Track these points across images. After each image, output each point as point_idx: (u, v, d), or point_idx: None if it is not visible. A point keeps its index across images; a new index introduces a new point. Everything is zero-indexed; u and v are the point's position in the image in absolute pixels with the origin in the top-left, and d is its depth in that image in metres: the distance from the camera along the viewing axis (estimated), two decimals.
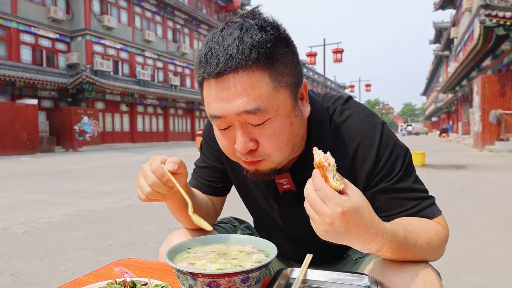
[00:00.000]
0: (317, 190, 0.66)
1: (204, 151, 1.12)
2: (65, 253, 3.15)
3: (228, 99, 0.74)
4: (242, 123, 0.77)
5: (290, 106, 0.79)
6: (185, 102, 33.34)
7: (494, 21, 12.44)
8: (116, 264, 1.00)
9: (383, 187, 0.87)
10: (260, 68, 0.73)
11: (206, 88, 0.78)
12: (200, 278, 0.69)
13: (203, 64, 0.76)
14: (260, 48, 0.73)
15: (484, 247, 3.13)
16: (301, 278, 0.81)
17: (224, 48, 0.73)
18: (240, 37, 0.73)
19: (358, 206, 0.65)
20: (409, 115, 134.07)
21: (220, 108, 0.75)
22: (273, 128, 0.78)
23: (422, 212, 0.86)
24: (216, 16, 39.99)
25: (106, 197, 5.94)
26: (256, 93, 0.73)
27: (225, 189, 1.15)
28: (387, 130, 0.90)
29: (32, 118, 19.60)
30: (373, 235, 0.68)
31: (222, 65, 0.72)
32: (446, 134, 29.72)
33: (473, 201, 5.12)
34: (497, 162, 10.56)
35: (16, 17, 21.29)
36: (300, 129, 0.85)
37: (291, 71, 0.79)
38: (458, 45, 31.86)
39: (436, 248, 0.82)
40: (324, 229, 0.66)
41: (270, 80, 0.74)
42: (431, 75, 65.80)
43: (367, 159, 0.88)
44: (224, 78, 0.73)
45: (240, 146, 0.78)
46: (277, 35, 0.76)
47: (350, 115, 0.92)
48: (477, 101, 16.79)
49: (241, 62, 0.72)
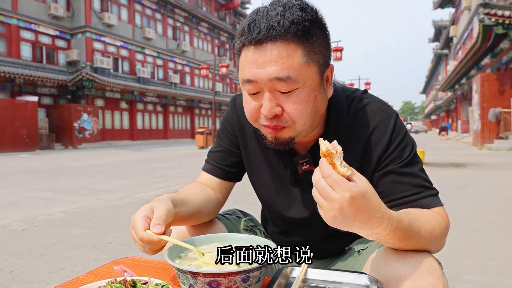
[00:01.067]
0: (325, 177, 0.68)
1: (220, 136, 1.17)
2: (64, 250, 3.15)
3: (263, 64, 0.81)
4: (271, 89, 0.84)
5: (317, 81, 0.86)
6: (184, 100, 33.31)
7: (493, 19, 12.44)
8: (116, 262, 1.00)
9: (390, 169, 0.93)
10: (296, 42, 0.80)
11: (244, 54, 0.85)
12: (201, 277, 0.69)
13: (245, 32, 0.83)
14: (298, 24, 0.80)
15: (484, 245, 3.14)
16: (301, 277, 0.81)
17: (267, 20, 0.81)
18: (282, 13, 0.80)
19: (365, 191, 0.67)
20: (409, 113, 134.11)
21: (254, 73, 0.82)
22: (299, 98, 0.84)
23: (425, 199, 0.90)
24: (216, 14, 39.91)
25: (105, 195, 5.94)
26: (289, 63, 0.80)
27: (237, 175, 1.18)
28: (400, 120, 0.97)
29: (32, 115, 19.58)
30: (380, 220, 0.70)
31: (263, 33, 0.80)
32: (445, 132, 29.73)
33: (472, 199, 5.12)
34: (497, 160, 10.57)
35: (16, 13, 21.25)
36: (322, 106, 0.92)
37: (322, 51, 0.86)
38: (457, 44, 31.85)
39: (438, 238, 0.84)
40: (332, 215, 0.68)
41: (303, 54, 0.82)
42: (430, 73, 65.79)
43: (380, 143, 0.95)
44: (263, 45, 0.81)
45: (266, 110, 0.84)
46: (315, 17, 0.84)
47: (368, 102, 1.00)
48: (476, 99, 16.79)
49: (280, 33, 0.79)
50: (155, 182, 7.35)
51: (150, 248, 0.82)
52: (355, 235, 1.04)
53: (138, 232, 0.80)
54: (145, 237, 0.79)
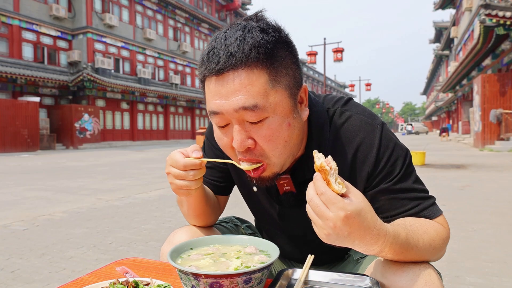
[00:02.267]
0: (319, 194, 0.66)
1: (207, 151, 1.13)
2: (65, 250, 3.15)
3: (226, 95, 0.76)
4: (239, 121, 0.78)
5: (288, 107, 0.80)
6: (185, 100, 33.34)
7: (494, 20, 12.43)
8: (117, 263, 1.00)
9: (384, 187, 0.87)
10: (259, 67, 0.75)
11: (207, 85, 0.80)
12: (203, 279, 0.69)
13: (205, 62, 0.79)
14: (260, 47, 0.75)
15: (485, 247, 3.13)
16: (303, 279, 0.81)
17: (226, 47, 0.75)
18: (242, 37, 0.75)
19: (360, 209, 0.65)
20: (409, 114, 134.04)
21: (219, 104, 0.77)
22: (271, 128, 0.79)
23: (423, 212, 0.86)
24: (217, 15, 39.94)
25: (106, 195, 5.94)
26: (254, 90, 0.75)
27: (228, 189, 1.16)
28: (386, 131, 0.91)
29: (33, 115, 19.61)
30: (376, 237, 0.68)
31: (223, 62, 0.75)
32: (446, 134, 29.71)
33: (473, 200, 5.11)
34: (498, 161, 10.56)
35: (18, 14, 21.29)
36: (298, 132, 0.86)
37: (290, 73, 0.80)
38: (458, 45, 31.82)
39: (438, 249, 0.82)
40: (327, 233, 0.66)
41: (268, 79, 0.76)
42: (431, 74, 65.74)
43: (367, 161, 0.89)
44: (224, 75, 0.75)
45: (237, 143, 0.79)
46: (278, 37, 0.78)
47: (349, 116, 0.93)
48: (477, 100, 16.78)
49: (241, 60, 0.74)
50: (155, 183, 7.35)
51: (194, 175, 0.83)
52: None
53: (180, 161, 0.83)
54: (189, 162, 0.82)
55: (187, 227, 1.08)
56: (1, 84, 20.29)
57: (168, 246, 1.02)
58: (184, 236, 1.03)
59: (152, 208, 4.93)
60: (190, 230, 1.06)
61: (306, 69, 64.68)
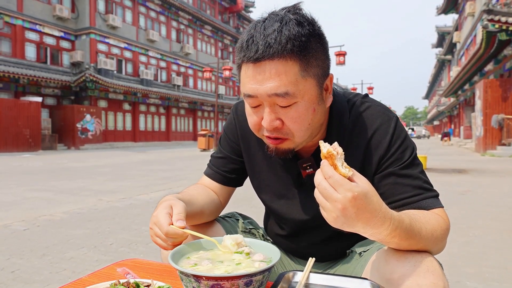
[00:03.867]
0: (327, 178, 0.69)
1: (222, 142, 1.20)
2: (65, 251, 3.15)
3: (262, 81, 0.83)
4: (271, 104, 0.86)
5: (315, 94, 0.88)
6: (187, 102, 33.38)
7: (497, 26, 12.43)
8: (118, 264, 1.00)
9: (391, 171, 0.94)
10: (293, 58, 0.82)
11: (244, 70, 0.87)
12: (204, 281, 0.69)
13: (244, 49, 0.85)
14: (295, 40, 0.81)
15: (486, 252, 3.13)
16: (303, 282, 0.81)
17: (264, 37, 0.82)
18: (279, 29, 0.82)
19: (367, 191, 0.68)
20: (411, 118, 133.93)
21: (254, 88, 0.85)
22: (298, 112, 0.86)
23: (424, 201, 0.91)
24: (220, 17, 40.04)
25: (107, 196, 5.95)
26: (287, 79, 0.82)
27: (236, 181, 1.21)
28: (400, 123, 0.99)
29: (35, 115, 19.65)
30: (382, 220, 0.71)
31: (261, 52, 0.81)
32: (448, 138, 29.67)
33: (474, 205, 5.10)
34: (499, 166, 10.53)
35: (21, 14, 21.38)
36: (321, 117, 0.94)
37: (320, 64, 0.88)
38: (461, 50, 31.81)
39: (439, 239, 0.85)
40: (335, 215, 0.69)
41: (300, 69, 0.83)
42: (433, 79, 65.70)
43: (380, 145, 0.97)
44: (261, 63, 0.82)
45: (266, 123, 0.87)
46: (312, 31, 0.85)
47: (369, 106, 1.02)
48: (479, 105, 16.76)
49: (277, 51, 0.81)
50: (156, 184, 7.35)
51: (173, 242, 0.86)
52: (357, 238, 1.07)
53: (163, 227, 0.85)
54: (171, 231, 0.84)
55: None
56: (4, 84, 20.35)
57: None
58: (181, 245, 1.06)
59: (153, 209, 4.89)
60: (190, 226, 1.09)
61: None
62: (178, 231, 0.84)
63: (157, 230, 0.87)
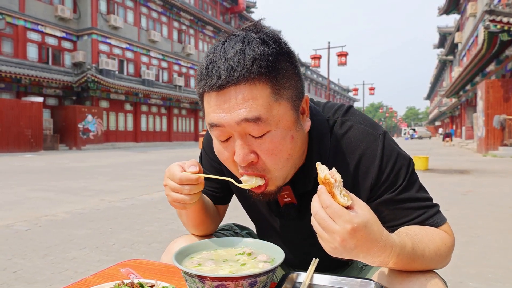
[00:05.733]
0: (324, 208, 0.65)
1: (204, 162, 1.11)
2: (67, 251, 3.16)
3: (228, 109, 0.74)
4: (242, 134, 0.76)
5: (291, 119, 0.79)
6: (189, 102, 33.40)
7: (499, 26, 12.41)
8: (122, 265, 1.00)
9: (387, 198, 0.87)
10: (262, 80, 0.73)
11: (206, 100, 0.78)
12: (208, 281, 0.69)
13: (204, 77, 0.76)
14: (262, 61, 0.73)
15: (488, 252, 3.12)
16: (307, 283, 0.81)
17: (226, 60, 0.73)
18: (242, 50, 0.73)
19: (366, 221, 0.65)
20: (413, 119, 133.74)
21: (220, 117, 0.75)
22: (274, 142, 0.77)
23: (428, 221, 0.86)
24: (221, 18, 40.06)
25: (109, 196, 5.95)
26: (257, 104, 0.73)
27: (226, 198, 1.14)
28: (388, 141, 0.89)
29: (37, 115, 19.69)
30: (382, 249, 0.68)
31: (224, 77, 0.72)
32: (449, 139, 29.63)
33: (476, 206, 5.09)
34: (501, 167, 10.52)
35: (23, 15, 21.42)
36: (302, 145, 0.85)
37: (292, 85, 0.79)
38: (462, 50, 31.78)
39: (443, 257, 0.82)
40: (333, 246, 0.66)
41: (271, 92, 0.74)
42: (435, 79, 65.63)
43: (369, 172, 0.88)
44: (225, 90, 0.73)
45: (239, 158, 0.77)
46: (279, 49, 0.76)
47: (350, 127, 0.91)
48: (481, 106, 16.73)
49: (242, 74, 0.71)
50: (158, 184, 7.36)
51: (189, 190, 0.82)
52: None
53: (176, 175, 0.82)
54: (184, 176, 0.81)
55: (187, 236, 1.08)
56: (6, 84, 20.38)
57: (167, 255, 1.02)
58: (184, 245, 1.03)
59: (154, 209, 4.94)
60: (189, 239, 1.06)
61: (310, 72, 64.68)
62: (191, 176, 0.81)
63: (171, 183, 0.84)
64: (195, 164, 0.84)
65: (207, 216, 1.05)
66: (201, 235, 1.08)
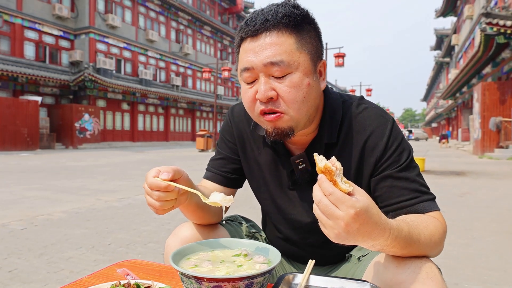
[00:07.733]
0: (327, 195, 0.68)
1: (220, 144, 1.21)
2: (63, 251, 3.15)
3: (258, 51, 0.88)
4: (266, 74, 0.89)
5: (309, 68, 0.91)
6: (186, 102, 33.36)
7: (495, 29, 12.47)
8: (118, 265, 1.00)
9: (388, 173, 0.95)
10: (288, 31, 0.88)
11: (242, 47, 0.93)
12: (205, 282, 0.69)
13: (243, 27, 0.93)
14: (290, 17, 0.89)
15: (484, 254, 3.13)
16: (303, 284, 0.81)
17: (262, 15, 0.90)
18: (276, 8, 0.90)
19: (367, 205, 0.68)
20: (409, 120, 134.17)
21: (250, 60, 0.89)
22: (292, 82, 0.89)
23: (421, 204, 0.92)
24: (219, 18, 40.04)
25: (105, 195, 5.94)
26: (282, 49, 0.87)
27: (237, 182, 1.20)
28: (396, 126, 1.00)
29: (33, 114, 19.62)
30: (382, 231, 0.71)
31: (258, 25, 0.89)
32: (446, 140, 29.73)
33: (472, 207, 5.11)
34: (497, 169, 10.56)
35: (21, 13, 21.35)
36: (315, 95, 0.95)
37: (313, 43, 0.93)
38: (459, 52, 31.91)
39: (437, 243, 0.86)
40: (337, 232, 0.68)
41: (295, 41, 0.89)
42: (431, 81, 65.90)
43: (377, 147, 0.97)
44: (258, 36, 0.89)
45: (261, 93, 0.89)
46: (306, 14, 0.93)
47: (366, 108, 1.03)
48: (477, 108, 16.80)
49: (273, 24, 0.88)
50: None
51: (158, 197, 0.86)
52: None
53: (148, 179, 0.88)
54: (154, 183, 0.86)
55: (190, 231, 1.09)
56: (2, 83, 20.31)
57: (173, 238, 1.06)
58: (190, 230, 1.07)
59: (151, 210, 4.92)
60: (196, 225, 1.10)
61: None
62: (161, 183, 0.85)
63: (145, 186, 0.89)
64: (169, 171, 0.88)
65: (206, 213, 1.08)
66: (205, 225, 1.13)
